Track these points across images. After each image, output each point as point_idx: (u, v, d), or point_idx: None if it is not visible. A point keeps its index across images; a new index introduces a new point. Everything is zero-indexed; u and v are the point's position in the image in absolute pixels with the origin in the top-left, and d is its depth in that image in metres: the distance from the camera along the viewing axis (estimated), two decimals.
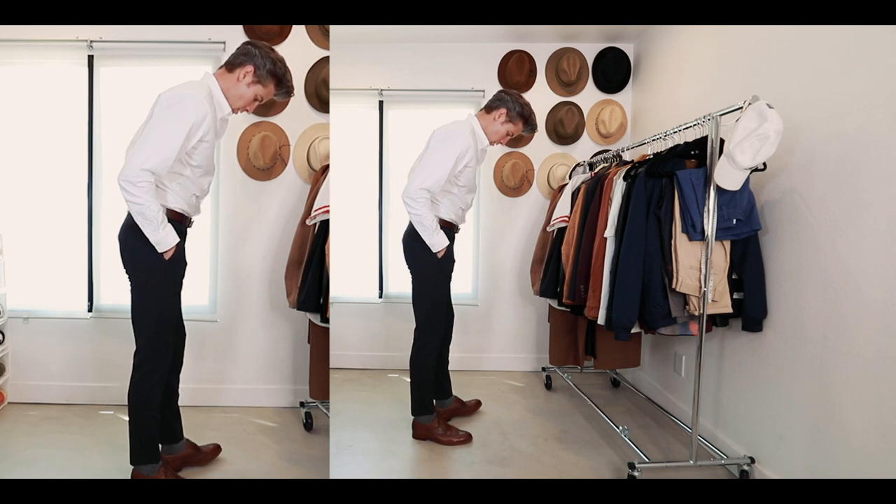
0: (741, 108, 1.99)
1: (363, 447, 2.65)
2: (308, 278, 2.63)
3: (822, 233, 1.96)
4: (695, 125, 2.25)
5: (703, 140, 2.21)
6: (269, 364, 3.16)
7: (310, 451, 2.61)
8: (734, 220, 2.13)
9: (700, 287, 2.16)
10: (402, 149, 3.79)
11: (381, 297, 3.89)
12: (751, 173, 2.05)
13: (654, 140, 2.56)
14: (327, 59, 3.06)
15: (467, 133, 2.56)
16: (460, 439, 2.68)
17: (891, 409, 1.68)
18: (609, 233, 2.43)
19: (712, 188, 2.11)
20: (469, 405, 3.09)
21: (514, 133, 2.68)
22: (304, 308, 2.65)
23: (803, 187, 2.05)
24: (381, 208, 3.85)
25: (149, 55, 3.01)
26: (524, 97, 2.66)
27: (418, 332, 2.71)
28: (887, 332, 1.69)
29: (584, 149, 3.85)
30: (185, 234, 2.15)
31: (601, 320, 2.43)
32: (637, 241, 2.26)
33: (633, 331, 2.33)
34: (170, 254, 2.01)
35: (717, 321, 2.36)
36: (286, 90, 2.16)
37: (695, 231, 2.15)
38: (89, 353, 3.10)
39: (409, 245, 2.64)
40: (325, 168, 2.79)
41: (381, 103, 3.81)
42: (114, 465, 2.39)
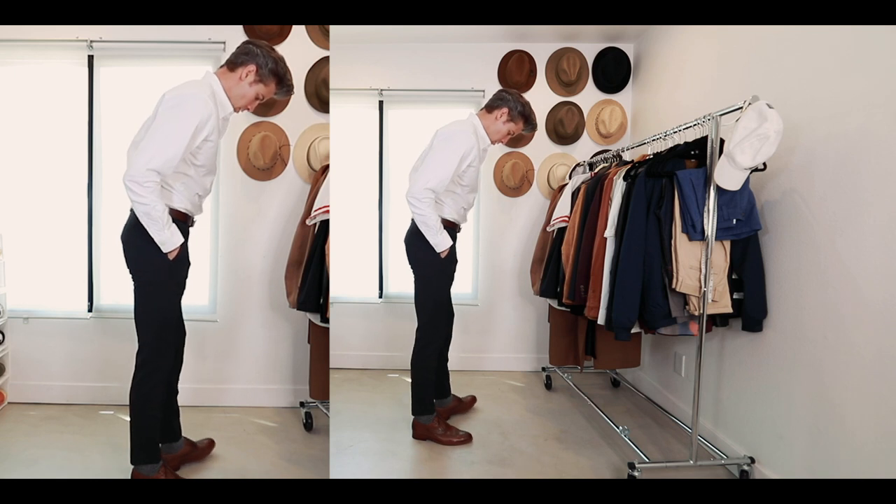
0: (741, 108, 1.99)
1: (363, 447, 2.65)
2: (308, 278, 2.63)
3: (822, 233, 1.96)
4: (695, 125, 2.25)
5: (703, 140, 2.21)
6: (269, 364, 3.16)
7: (310, 451, 2.61)
8: (734, 220, 2.13)
9: (700, 287, 2.16)
10: (402, 149, 3.80)
11: (381, 296, 3.89)
12: (751, 173, 2.05)
13: (654, 140, 2.56)
14: (327, 59, 3.06)
15: (470, 132, 2.56)
16: (460, 439, 2.69)
17: (891, 409, 1.68)
18: (609, 233, 2.43)
19: (712, 188, 2.11)
20: (465, 401, 3.10)
21: (514, 132, 2.69)
22: (304, 308, 2.65)
23: (803, 187, 2.05)
24: (381, 208, 3.85)
25: (149, 55, 3.01)
26: (524, 97, 2.67)
27: (420, 332, 2.71)
28: (887, 332, 1.69)
29: (584, 149, 3.85)
30: (188, 233, 2.15)
31: (601, 320, 2.43)
32: (637, 241, 2.26)
33: (633, 331, 2.33)
34: (174, 254, 2.01)
35: (717, 321, 2.36)
36: (287, 89, 2.17)
37: (695, 231, 2.15)
38: (89, 353, 3.10)
39: (412, 245, 2.64)
40: (325, 168, 2.79)
41: (381, 103, 3.81)
42: (114, 465, 2.39)
